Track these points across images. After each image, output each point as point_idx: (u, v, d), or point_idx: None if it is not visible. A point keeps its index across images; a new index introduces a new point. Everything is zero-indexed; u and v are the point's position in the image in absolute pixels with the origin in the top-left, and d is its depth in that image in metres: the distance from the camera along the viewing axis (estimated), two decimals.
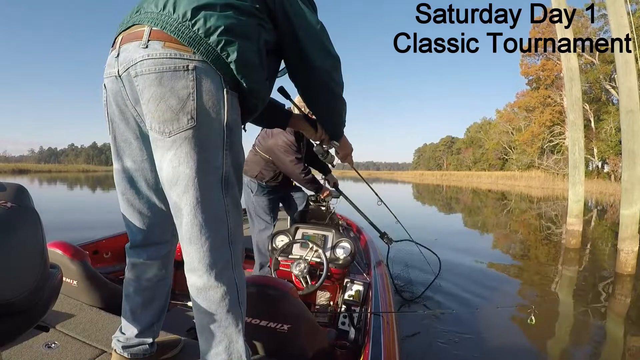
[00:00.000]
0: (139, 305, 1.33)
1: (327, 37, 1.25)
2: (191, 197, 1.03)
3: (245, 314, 1.20)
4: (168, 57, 0.98)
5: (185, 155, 1.01)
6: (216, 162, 1.06)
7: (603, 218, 12.66)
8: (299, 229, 2.76)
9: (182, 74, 0.98)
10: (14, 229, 0.75)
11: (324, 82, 1.28)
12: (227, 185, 1.10)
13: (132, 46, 1.02)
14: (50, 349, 1.40)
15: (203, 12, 1.00)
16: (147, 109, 1.00)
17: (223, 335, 1.12)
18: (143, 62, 0.99)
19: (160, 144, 1.02)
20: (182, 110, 0.98)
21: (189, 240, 1.07)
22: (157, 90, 0.98)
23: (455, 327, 3.26)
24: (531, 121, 41.01)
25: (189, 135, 1.00)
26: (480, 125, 63.77)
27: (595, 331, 3.50)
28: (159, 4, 1.03)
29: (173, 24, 0.99)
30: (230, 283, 1.11)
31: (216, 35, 1.00)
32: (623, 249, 5.28)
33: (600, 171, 33.69)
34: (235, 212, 1.13)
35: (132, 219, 1.26)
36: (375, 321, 1.74)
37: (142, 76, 0.99)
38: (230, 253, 1.12)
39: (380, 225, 2.96)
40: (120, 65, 1.04)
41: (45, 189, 21.38)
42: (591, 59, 32.26)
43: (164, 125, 0.99)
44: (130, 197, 1.23)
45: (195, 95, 0.99)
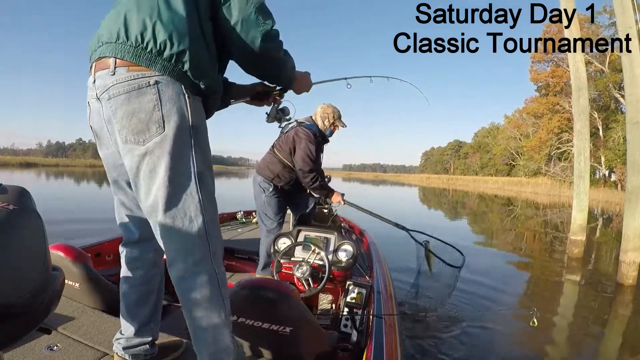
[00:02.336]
0: (134, 302, 1.39)
1: (259, 12, 1.21)
2: (167, 195, 1.15)
3: (230, 310, 1.25)
4: (133, 79, 1.12)
5: (158, 158, 1.14)
6: (187, 161, 1.17)
7: (608, 227, 12.56)
8: (301, 232, 2.75)
9: (146, 89, 1.12)
10: (16, 231, 0.75)
11: (267, 59, 1.31)
12: (200, 181, 1.20)
13: (104, 74, 1.16)
14: (52, 351, 1.41)
15: (150, 31, 1.12)
16: (122, 124, 1.14)
17: (208, 324, 1.19)
18: (114, 86, 1.13)
19: (135, 152, 1.14)
20: (150, 121, 1.13)
21: (169, 235, 1.17)
22: (128, 107, 1.12)
23: (458, 329, 3.27)
24: (539, 128, 40.66)
25: (158, 140, 1.13)
26: (488, 130, 63.25)
27: (595, 340, 3.50)
28: (113, 34, 1.15)
29: (130, 50, 1.13)
30: (211, 273, 1.20)
31: (168, 50, 1.12)
32: (625, 260, 5.27)
33: (607, 180, 33.33)
34: (210, 208, 1.23)
35: (125, 217, 1.38)
36: (377, 324, 1.75)
37: (115, 98, 1.14)
38: (209, 245, 1.20)
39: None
40: (97, 89, 1.18)
41: (52, 184, 21.51)
42: (601, 67, 31.96)
43: (138, 136, 1.13)
44: (122, 197, 1.37)
45: (159, 105, 1.13)
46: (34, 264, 0.79)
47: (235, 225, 4.71)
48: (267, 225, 3.03)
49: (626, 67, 5.25)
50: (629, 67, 5.20)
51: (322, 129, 3.05)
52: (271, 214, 3.03)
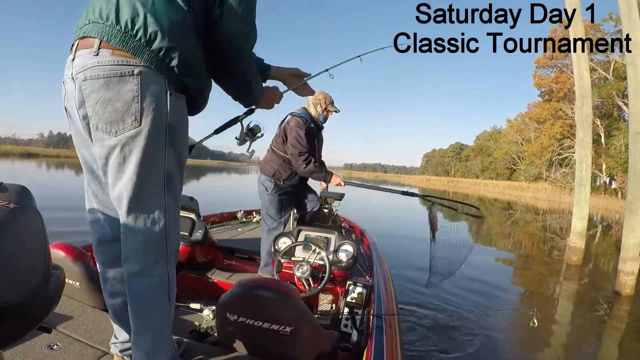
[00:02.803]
0: (122, 307, 1.32)
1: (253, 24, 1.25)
2: (133, 192, 1.11)
3: (173, 312, 1.25)
4: (116, 64, 1.06)
5: (129, 153, 1.09)
6: (159, 160, 1.13)
7: (608, 235, 12.56)
8: (301, 231, 2.76)
9: (128, 78, 1.06)
10: (17, 230, 0.74)
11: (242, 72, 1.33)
12: (169, 182, 1.17)
13: (86, 52, 1.09)
14: (52, 350, 1.41)
15: (142, 18, 1.06)
16: (94, 110, 1.08)
17: (151, 323, 1.18)
18: (93, 68, 1.06)
19: (106, 143, 1.10)
20: (127, 112, 1.07)
21: (129, 232, 1.14)
22: (105, 94, 1.06)
23: (458, 329, 3.29)
24: (541, 133, 40.63)
25: (132, 134, 1.08)
26: (490, 134, 63.18)
27: (593, 344, 3.53)
28: (103, 14, 1.09)
29: (118, 35, 1.06)
30: (163, 277, 1.18)
31: (157, 42, 1.08)
32: (623, 270, 5.28)
33: (608, 187, 33.31)
34: (174, 210, 1.20)
35: (99, 211, 1.30)
36: (377, 323, 1.76)
37: (91, 80, 1.07)
38: (166, 249, 1.18)
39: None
40: (74, 68, 1.11)
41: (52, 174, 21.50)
42: (605, 74, 31.93)
43: (110, 125, 1.08)
44: (95, 188, 1.29)
45: (139, 98, 1.08)
46: (34, 263, 0.79)
47: (235, 224, 4.70)
48: (268, 225, 3.03)
49: (631, 77, 5.26)
50: (633, 77, 5.22)
51: (314, 115, 3.07)
52: (273, 212, 3.03)
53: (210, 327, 1.89)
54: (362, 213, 3.26)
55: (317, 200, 3.26)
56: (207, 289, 2.65)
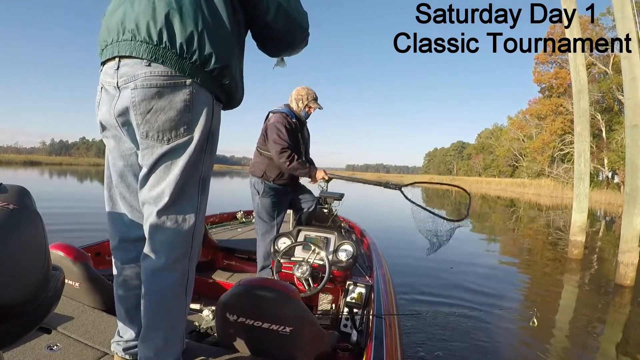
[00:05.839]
0: (134, 306, 1.33)
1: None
2: (173, 193, 1.15)
3: (187, 311, 1.28)
4: (169, 75, 1.10)
5: (178, 158, 1.14)
6: (199, 165, 1.19)
7: (610, 229, 12.52)
8: (301, 232, 2.75)
9: (180, 89, 1.11)
10: (16, 231, 0.74)
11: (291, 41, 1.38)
12: (203, 186, 1.23)
13: (134, 62, 1.11)
14: (52, 351, 1.41)
15: (196, 44, 1.10)
16: (144, 119, 1.11)
17: (165, 321, 1.20)
18: (146, 78, 1.09)
19: (157, 150, 1.14)
20: (179, 121, 1.12)
21: (160, 227, 1.17)
22: (157, 103, 1.10)
23: (458, 329, 3.29)
24: (542, 129, 40.58)
25: (183, 142, 1.14)
26: (491, 132, 63.17)
27: (594, 340, 3.51)
28: (152, 35, 1.08)
29: (173, 57, 1.09)
30: (184, 273, 1.22)
31: (212, 64, 1.13)
32: (623, 261, 5.30)
33: (610, 182, 33.19)
34: (202, 212, 1.25)
35: (124, 213, 1.32)
36: (377, 323, 1.76)
37: (142, 89, 1.09)
38: (191, 247, 1.22)
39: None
40: (120, 77, 1.13)
41: (54, 182, 21.55)
42: (605, 68, 31.86)
43: (162, 134, 1.12)
44: (123, 190, 1.31)
45: (191, 108, 1.12)
46: (34, 263, 0.78)
47: (235, 225, 4.71)
48: (260, 228, 2.99)
49: (625, 70, 5.28)
50: (628, 70, 5.24)
51: (296, 111, 3.04)
52: (265, 215, 2.98)
53: (210, 327, 1.90)
54: (361, 212, 3.25)
55: (312, 199, 3.21)
56: (207, 289, 2.64)
